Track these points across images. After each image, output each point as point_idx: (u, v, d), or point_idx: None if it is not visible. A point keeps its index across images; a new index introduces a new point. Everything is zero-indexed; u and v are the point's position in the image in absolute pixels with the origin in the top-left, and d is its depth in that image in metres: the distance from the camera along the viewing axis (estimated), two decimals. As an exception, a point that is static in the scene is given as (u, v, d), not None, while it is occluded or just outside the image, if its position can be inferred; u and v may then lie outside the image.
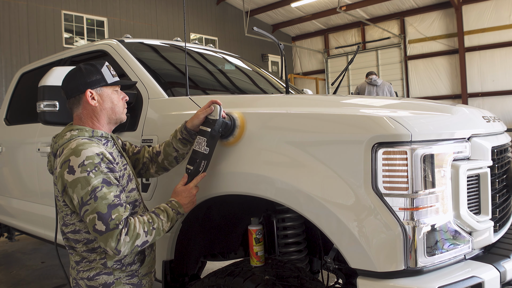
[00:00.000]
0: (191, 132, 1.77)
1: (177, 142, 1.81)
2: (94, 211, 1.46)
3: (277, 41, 2.55)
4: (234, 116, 1.73)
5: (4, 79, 9.95)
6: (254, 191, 1.63)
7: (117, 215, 1.47)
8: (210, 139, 1.67)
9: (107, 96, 1.70)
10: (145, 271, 1.76)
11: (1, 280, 4.06)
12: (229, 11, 15.34)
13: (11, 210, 3.62)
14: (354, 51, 15.21)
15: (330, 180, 1.42)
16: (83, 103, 1.68)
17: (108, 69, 1.73)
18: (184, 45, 2.94)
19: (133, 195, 1.70)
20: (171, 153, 1.83)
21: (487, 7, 12.44)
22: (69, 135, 1.63)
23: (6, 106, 3.87)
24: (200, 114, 1.73)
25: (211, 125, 1.67)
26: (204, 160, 1.68)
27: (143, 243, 1.52)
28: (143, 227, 1.52)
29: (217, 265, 2.42)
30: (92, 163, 1.50)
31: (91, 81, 1.67)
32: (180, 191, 1.69)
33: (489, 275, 1.38)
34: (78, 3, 11.30)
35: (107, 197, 1.48)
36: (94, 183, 1.48)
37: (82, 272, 1.64)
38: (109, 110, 1.71)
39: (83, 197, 1.47)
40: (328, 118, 1.51)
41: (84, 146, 1.53)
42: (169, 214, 1.61)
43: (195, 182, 1.70)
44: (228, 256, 2.33)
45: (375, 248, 1.34)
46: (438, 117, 1.55)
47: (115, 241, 1.45)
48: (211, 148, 1.68)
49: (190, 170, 1.71)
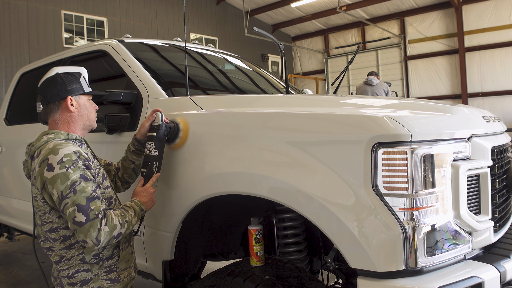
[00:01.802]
0: (142, 142, 1.95)
1: (132, 154, 1.98)
2: (74, 204, 1.55)
3: (277, 41, 2.55)
4: (177, 121, 1.93)
5: (4, 79, 9.95)
6: (254, 191, 1.63)
7: (96, 206, 1.58)
8: (157, 142, 1.85)
9: (83, 104, 1.83)
10: (124, 266, 1.82)
11: (1, 280, 4.06)
12: (229, 11, 15.34)
13: (11, 210, 3.62)
14: (354, 51, 15.21)
15: (330, 180, 1.42)
16: (62, 109, 1.78)
17: (85, 80, 1.86)
18: (184, 45, 2.94)
19: (108, 192, 1.80)
20: (129, 166, 2.00)
21: (487, 7, 12.44)
22: (45, 138, 1.72)
23: (6, 106, 3.87)
24: (145, 123, 1.92)
25: (156, 130, 1.86)
26: (155, 162, 1.85)
27: (118, 234, 1.63)
28: (118, 219, 1.64)
29: (217, 265, 2.42)
30: (70, 159, 1.60)
31: (72, 89, 1.78)
32: (138, 192, 1.83)
33: (489, 275, 1.38)
34: (78, 3, 11.30)
35: (85, 190, 1.58)
36: (73, 178, 1.58)
37: (62, 271, 1.72)
38: (85, 117, 1.83)
39: (63, 191, 1.56)
40: (328, 118, 1.51)
41: (62, 146, 1.63)
42: (135, 210, 1.75)
43: (151, 182, 1.85)
44: (228, 256, 2.33)
45: (375, 248, 1.34)
46: (438, 117, 1.55)
47: (96, 230, 1.54)
48: (160, 150, 1.85)
49: (145, 172, 1.86)
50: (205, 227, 2.10)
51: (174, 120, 1.94)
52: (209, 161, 1.78)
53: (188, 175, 1.86)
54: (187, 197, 1.87)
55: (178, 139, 1.91)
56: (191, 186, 1.84)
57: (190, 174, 1.86)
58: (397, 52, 14.37)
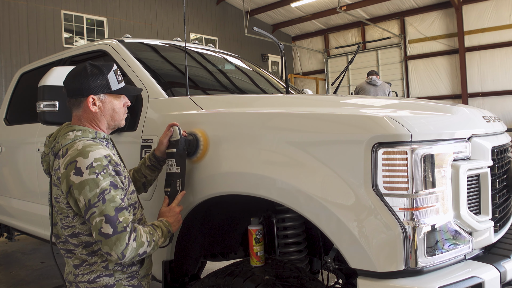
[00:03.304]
0: (159, 159, 1.85)
1: (146, 169, 1.88)
2: (101, 214, 1.45)
3: (277, 41, 2.55)
4: (195, 133, 1.82)
5: (4, 79, 9.95)
6: (254, 191, 1.62)
7: (124, 218, 1.48)
8: (178, 158, 1.75)
9: (109, 103, 1.68)
10: (144, 272, 1.75)
11: (1, 280, 4.06)
12: (229, 11, 15.34)
13: (11, 210, 3.62)
14: (354, 51, 15.21)
15: (330, 180, 1.42)
16: (84, 106, 1.65)
17: (115, 74, 1.68)
18: (184, 45, 2.94)
19: (133, 197, 1.70)
20: (140, 179, 1.90)
21: (487, 7, 12.44)
22: (72, 135, 1.60)
23: (6, 106, 3.87)
24: (163, 139, 1.80)
25: (175, 145, 1.76)
26: (178, 179, 1.76)
27: (143, 252, 1.53)
28: (146, 237, 1.54)
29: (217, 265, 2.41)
30: (101, 165, 1.49)
31: (95, 87, 1.62)
32: (164, 212, 1.73)
33: (489, 275, 1.37)
34: (78, 3, 11.29)
35: (115, 199, 1.48)
36: (103, 185, 1.47)
37: (82, 275, 1.61)
38: (109, 117, 1.69)
39: (91, 199, 1.45)
40: (328, 118, 1.51)
41: (91, 148, 1.51)
42: (163, 230, 1.64)
43: (176, 201, 1.75)
44: (228, 256, 2.33)
45: (375, 248, 1.34)
46: (438, 117, 1.55)
47: (123, 244, 1.44)
48: (182, 167, 1.76)
49: (169, 192, 1.77)
50: (205, 227, 2.09)
51: (192, 132, 1.83)
52: (209, 162, 1.78)
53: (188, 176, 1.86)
54: (187, 198, 1.87)
55: (199, 153, 1.80)
56: (191, 187, 1.84)
57: (190, 175, 1.85)
58: (397, 52, 14.37)
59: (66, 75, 1.68)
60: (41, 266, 4.42)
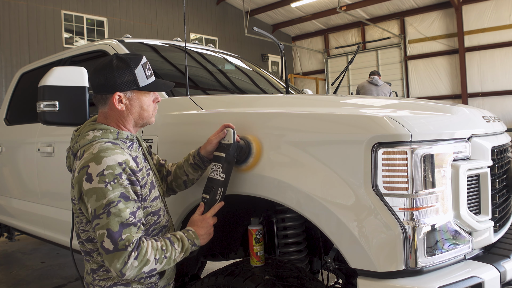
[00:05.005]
0: (204, 159, 1.70)
1: (188, 167, 1.73)
2: (104, 227, 1.36)
3: (277, 41, 2.55)
4: (248, 139, 1.64)
5: (4, 79, 9.95)
6: (254, 191, 1.63)
7: (128, 236, 1.36)
8: (226, 165, 1.59)
9: (136, 100, 1.56)
10: (164, 283, 1.67)
11: (1, 280, 4.06)
12: (229, 11, 15.34)
13: (11, 210, 3.62)
14: (354, 51, 15.21)
15: (330, 180, 1.42)
16: (109, 104, 1.54)
17: (143, 69, 1.56)
18: (184, 45, 2.94)
19: (155, 204, 1.58)
20: (181, 176, 1.76)
21: (487, 7, 12.44)
22: (91, 136, 1.51)
23: (6, 106, 3.87)
24: (213, 139, 1.65)
25: (226, 150, 1.59)
26: (220, 188, 1.60)
27: (151, 270, 1.42)
28: (154, 254, 1.41)
29: (217, 265, 2.42)
30: (112, 173, 1.38)
31: (121, 83, 1.51)
32: (196, 221, 1.60)
33: (489, 275, 1.37)
34: (78, 3, 11.30)
35: (121, 214, 1.37)
36: (111, 197, 1.36)
37: (99, 280, 1.55)
38: (137, 115, 1.58)
39: (96, 209, 1.37)
40: (328, 118, 1.51)
41: (107, 153, 1.41)
42: (184, 244, 1.51)
43: (212, 212, 1.61)
44: (228, 256, 2.33)
45: (375, 248, 1.34)
46: (438, 117, 1.55)
47: (121, 263, 1.35)
48: (227, 175, 1.59)
49: (207, 199, 1.63)
50: (205, 227, 2.09)
51: (245, 138, 1.64)
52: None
53: None
54: (187, 197, 1.87)
55: (248, 162, 1.62)
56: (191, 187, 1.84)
57: None
58: (397, 52, 14.37)
59: (92, 70, 1.57)
60: (42, 266, 4.42)
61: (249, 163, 1.62)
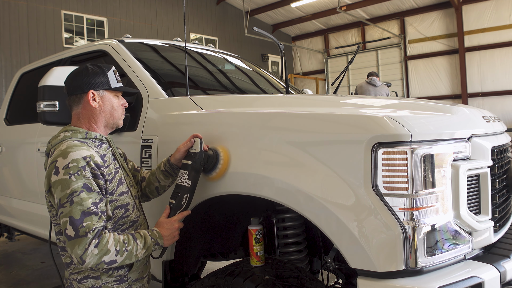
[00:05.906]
0: (174, 166, 1.81)
1: (160, 174, 1.85)
2: (67, 215, 1.45)
3: (277, 41, 2.55)
4: (217, 149, 1.72)
5: (4, 79, 9.95)
6: (254, 191, 1.63)
7: (89, 223, 1.45)
8: (193, 172, 1.67)
9: (108, 100, 1.71)
10: (136, 276, 1.73)
11: (1, 280, 4.06)
12: (229, 11, 15.34)
13: (11, 210, 3.62)
14: (354, 51, 15.21)
15: (330, 180, 1.42)
16: (84, 102, 1.68)
17: (114, 74, 1.74)
18: (184, 45, 2.94)
19: (123, 199, 1.67)
20: (153, 182, 1.88)
21: (487, 7, 12.44)
22: (62, 136, 1.64)
23: (6, 106, 3.87)
24: (181, 148, 1.76)
25: (193, 158, 1.68)
26: (186, 194, 1.67)
27: (111, 261, 1.48)
28: (115, 245, 1.49)
29: (217, 265, 2.42)
30: (77, 166, 1.49)
31: (96, 83, 1.67)
32: (162, 223, 1.68)
33: (489, 275, 1.38)
34: (78, 3, 11.30)
35: (83, 203, 1.47)
36: (74, 187, 1.47)
37: (72, 274, 1.66)
38: (108, 113, 1.72)
39: (61, 199, 1.48)
40: (328, 118, 1.51)
41: (73, 149, 1.53)
42: (146, 241, 1.59)
43: (179, 217, 1.69)
44: (228, 256, 2.33)
45: (375, 248, 1.34)
46: (438, 117, 1.55)
47: (81, 249, 1.42)
48: (193, 182, 1.67)
49: (173, 204, 1.70)
50: (205, 227, 2.10)
51: (214, 148, 1.73)
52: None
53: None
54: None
55: (215, 171, 1.71)
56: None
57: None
58: (397, 52, 14.37)
59: (68, 75, 1.71)
60: (41, 266, 4.42)
61: (217, 171, 1.70)
